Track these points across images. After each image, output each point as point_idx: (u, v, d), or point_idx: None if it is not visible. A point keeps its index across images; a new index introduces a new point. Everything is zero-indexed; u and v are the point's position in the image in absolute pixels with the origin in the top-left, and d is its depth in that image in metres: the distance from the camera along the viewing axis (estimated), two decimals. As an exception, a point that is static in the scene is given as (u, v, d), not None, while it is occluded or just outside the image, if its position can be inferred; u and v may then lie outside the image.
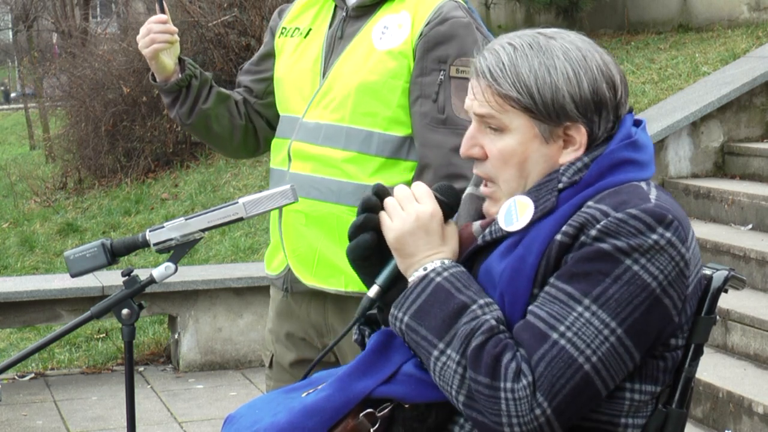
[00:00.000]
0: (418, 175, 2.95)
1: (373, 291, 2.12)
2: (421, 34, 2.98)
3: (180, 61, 3.20)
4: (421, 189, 2.11)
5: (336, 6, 3.14)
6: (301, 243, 3.05)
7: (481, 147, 2.09)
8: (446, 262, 2.05)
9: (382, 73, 2.98)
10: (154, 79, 3.22)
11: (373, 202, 2.11)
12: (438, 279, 2.02)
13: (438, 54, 2.97)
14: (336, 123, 3.00)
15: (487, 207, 2.14)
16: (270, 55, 3.28)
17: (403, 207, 2.08)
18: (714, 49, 9.47)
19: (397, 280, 2.11)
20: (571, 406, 1.92)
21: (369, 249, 2.11)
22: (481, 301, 1.99)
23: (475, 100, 2.08)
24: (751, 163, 7.76)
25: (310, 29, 3.16)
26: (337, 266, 2.98)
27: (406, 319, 2.02)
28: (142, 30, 3.13)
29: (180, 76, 3.19)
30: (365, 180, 2.95)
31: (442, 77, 2.97)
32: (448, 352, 1.96)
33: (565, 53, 2.04)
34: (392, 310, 2.04)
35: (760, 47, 9.01)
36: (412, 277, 2.06)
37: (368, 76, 2.98)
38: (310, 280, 3.05)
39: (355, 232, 2.12)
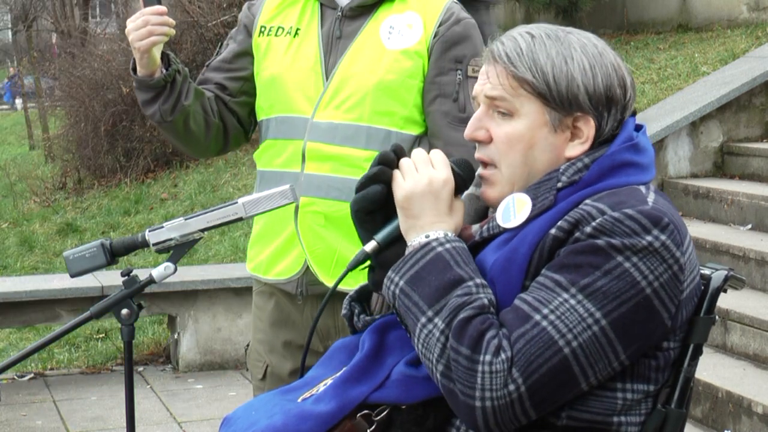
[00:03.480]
0: None
1: (369, 246, 2.10)
2: (436, 35, 3.00)
3: (161, 55, 3.06)
4: (439, 156, 2.11)
5: (322, 5, 3.11)
6: (319, 244, 3.03)
7: (487, 130, 2.11)
8: (449, 234, 2.05)
9: (399, 72, 2.99)
10: (135, 73, 3.07)
11: (390, 158, 2.10)
12: (439, 249, 2.02)
13: (455, 54, 3.00)
14: (353, 122, 2.99)
15: (484, 190, 2.14)
16: (246, 54, 3.20)
17: (418, 169, 2.08)
18: (713, 49, 9.48)
19: (396, 241, 2.10)
20: (545, 387, 1.92)
21: (376, 202, 2.10)
22: (478, 281, 1.99)
23: (488, 83, 2.10)
24: (750, 163, 7.76)
25: (298, 29, 3.11)
26: None
27: (401, 283, 2.02)
28: (136, 21, 2.97)
29: (165, 71, 3.06)
30: None
31: (460, 77, 3.00)
32: (435, 320, 1.96)
33: (582, 47, 2.07)
34: (389, 272, 2.04)
35: (759, 47, 9.02)
36: (414, 242, 2.05)
37: (386, 76, 2.99)
38: (328, 281, 3.03)
39: (365, 183, 2.11)
